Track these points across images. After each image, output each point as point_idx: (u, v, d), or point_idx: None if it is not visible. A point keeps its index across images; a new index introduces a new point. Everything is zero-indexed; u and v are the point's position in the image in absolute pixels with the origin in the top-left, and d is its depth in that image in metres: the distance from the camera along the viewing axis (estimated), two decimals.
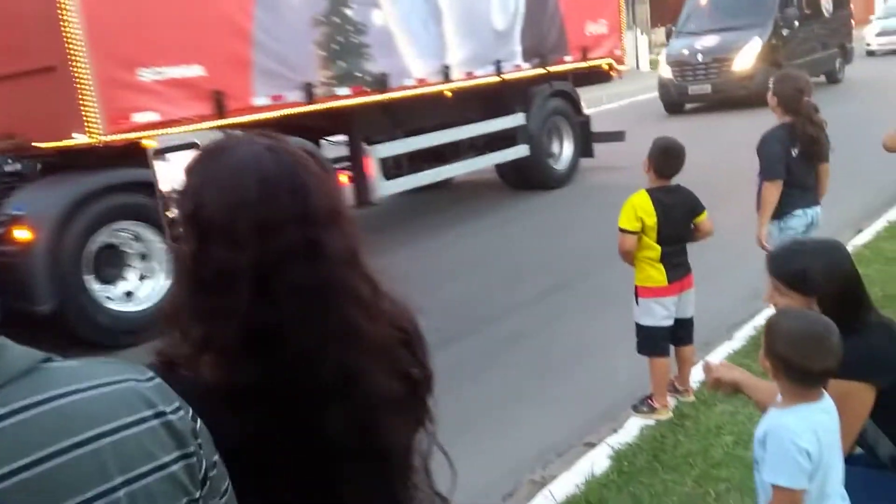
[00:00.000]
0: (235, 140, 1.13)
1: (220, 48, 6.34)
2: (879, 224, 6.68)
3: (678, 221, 3.96)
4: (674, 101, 16.39)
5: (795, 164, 4.43)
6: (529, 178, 9.93)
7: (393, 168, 8.39)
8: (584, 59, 10.30)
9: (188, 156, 1.24)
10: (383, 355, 1.12)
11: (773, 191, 4.47)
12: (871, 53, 23.25)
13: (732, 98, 15.09)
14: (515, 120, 9.46)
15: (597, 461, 3.66)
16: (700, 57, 15.84)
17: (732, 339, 4.91)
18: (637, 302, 4.04)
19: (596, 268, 6.51)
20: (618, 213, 3.97)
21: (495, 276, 6.95)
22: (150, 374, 0.88)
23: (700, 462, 3.50)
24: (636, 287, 4.02)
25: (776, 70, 14.01)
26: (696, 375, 4.33)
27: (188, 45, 6.13)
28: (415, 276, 7.26)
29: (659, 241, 3.90)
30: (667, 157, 3.96)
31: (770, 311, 4.90)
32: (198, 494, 0.86)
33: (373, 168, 7.93)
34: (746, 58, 15.41)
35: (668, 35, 18.23)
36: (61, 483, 0.74)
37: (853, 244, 6.32)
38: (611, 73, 10.95)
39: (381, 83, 7.73)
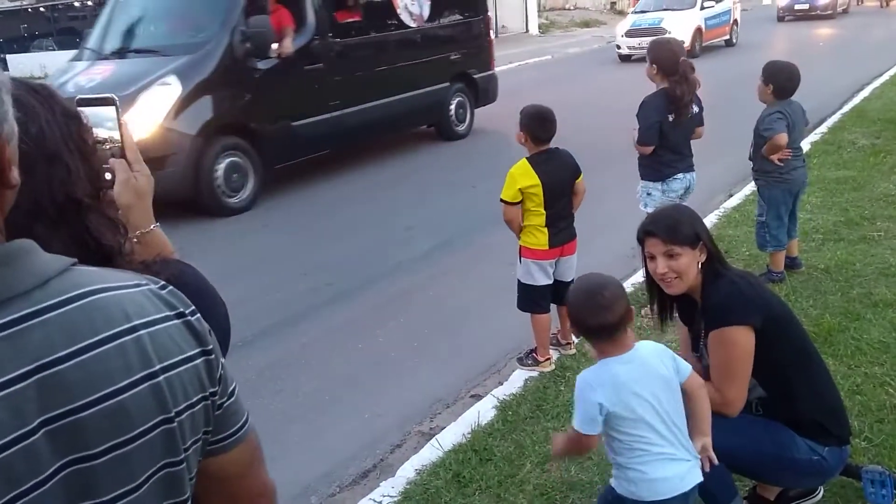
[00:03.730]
0: None
1: None
2: (748, 188, 7.09)
3: (562, 183, 4.04)
4: None
5: (672, 129, 4.63)
6: None
7: None
8: None
9: (108, 109, 1.29)
10: None
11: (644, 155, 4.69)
12: (625, 59, 18.85)
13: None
14: None
15: (483, 411, 3.78)
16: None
17: None
18: (520, 261, 4.16)
19: (478, 227, 6.65)
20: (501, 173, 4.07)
21: (384, 234, 6.99)
22: (163, 282, 0.95)
23: None
24: (520, 247, 4.14)
25: (241, 145, 7.74)
26: None
27: None
28: (306, 234, 7.21)
29: (545, 205, 3.98)
30: (541, 123, 3.99)
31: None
32: (216, 390, 0.96)
33: None
34: (148, 120, 7.15)
35: None
36: (111, 367, 0.83)
37: (724, 207, 6.71)
38: None
39: None
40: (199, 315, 0.95)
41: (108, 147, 1.32)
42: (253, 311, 5.16)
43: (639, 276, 5.26)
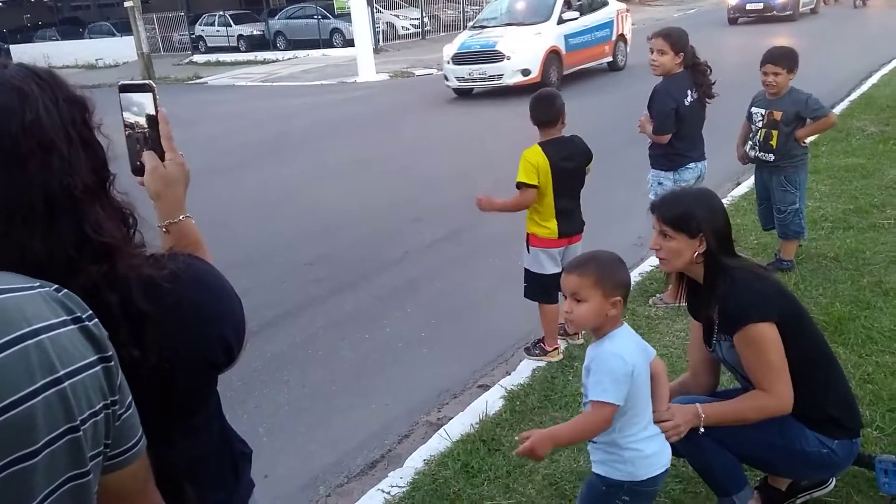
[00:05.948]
0: None
1: None
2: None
3: (572, 172, 4.00)
4: None
5: (690, 112, 4.56)
6: None
7: None
8: None
9: (145, 95, 1.29)
10: None
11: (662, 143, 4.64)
12: (462, 94, 14.15)
13: None
14: None
15: (491, 402, 3.76)
16: None
17: None
18: (528, 249, 4.12)
19: (485, 217, 6.61)
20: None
21: (389, 224, 6.97)
22: (57, 285, 0.89)
23: None
24: (528, 235, 4.09)
25: None
26: None
27: None
28: (311, 224, 7.20)
29: (554, 193, 3.94)
30: (538, 106, 3.95)
31: (654, 259, 5.15)
32: (116, 399, 0.89)
33: None
34: None
35: None
36: (14, 373, 0.77)
37: (732, 195, 6.67)
38: None
39: None
40: (96, 320, 0.89)
41: (127, 133, 1.29)
42: (258, 302, 5.15)
43: (645, 266, 5.25)
